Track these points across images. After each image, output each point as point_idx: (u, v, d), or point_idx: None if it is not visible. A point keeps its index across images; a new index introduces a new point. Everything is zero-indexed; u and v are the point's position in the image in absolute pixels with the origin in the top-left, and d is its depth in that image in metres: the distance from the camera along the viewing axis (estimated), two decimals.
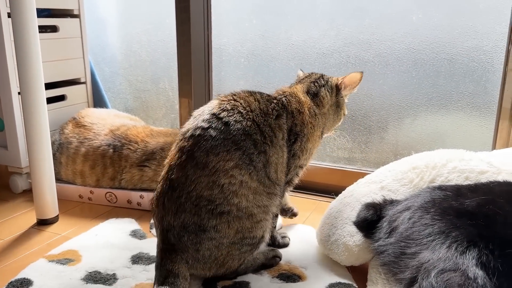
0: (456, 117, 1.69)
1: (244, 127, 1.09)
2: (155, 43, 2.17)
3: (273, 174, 1.15)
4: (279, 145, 1.16)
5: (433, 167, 1.30)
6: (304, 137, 1.23)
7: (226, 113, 1.11)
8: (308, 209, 1.69)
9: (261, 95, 1.21)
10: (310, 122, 1.24)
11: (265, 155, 1.12)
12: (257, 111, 1.14)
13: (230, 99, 1.15)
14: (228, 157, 1.06)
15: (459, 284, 0.85)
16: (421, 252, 0.97)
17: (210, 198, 1.06)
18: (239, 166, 1.07)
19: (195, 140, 1.08)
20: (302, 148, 1.23)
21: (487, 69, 1.60)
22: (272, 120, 1.16)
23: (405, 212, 1.10)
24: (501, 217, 0.96)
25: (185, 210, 1.07)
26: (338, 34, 1.79)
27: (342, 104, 1.36)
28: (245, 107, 1.13)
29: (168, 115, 2.23)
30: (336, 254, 1.25)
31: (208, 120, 1.10)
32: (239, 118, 1.10)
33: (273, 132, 1.15)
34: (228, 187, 1.06)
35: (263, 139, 1.12)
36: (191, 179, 1.06)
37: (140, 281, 1.20)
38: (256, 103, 1.16)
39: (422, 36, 1.67)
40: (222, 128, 1.08)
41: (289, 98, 1.23)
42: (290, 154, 1.21)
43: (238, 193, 1.07)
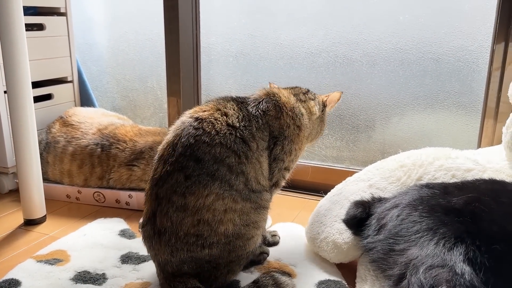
0: (442, 116, 1.71)
1: (213, 156, 1.04)
2: (143, 42, 2.15)
3: (255, 186, 1.12)
4: (255, 157, 1.11)
5: (420, 165, 1.32)
6: (286, 139, 1.19)
7: (191, 149, 1.05)
8: (296, 207, 1.70)
9: (233, 104, 1.15)
10: (293, 124, 1.21)
11: (243, 174, 1.08)
12: (224, 130, 1.07)
13: (192, 126, 1.08)
14: (207, 192, 1.03)
15: (447, 280, 0.86)
16: (410, 249, 0.98)
17: (198, 233, 1.05)
18: (220, 196, 1.04)
19: (168, 185, 1.05)
20: (286, 151, 1.20)
21: (473, 69, 1.63)
22: (244, 132, 1.10)
23: (394, 210, 1.11)
24: (487, 214, 0.98)
25: (178, 249, 1.06)
26: (326, 34, 1.80)
27: (325, 120, 1.38)
28: (210, 131, 1.06)
29: (156, 114, 2.22)
30: (326, 252, 1.26)
31: (176, 161, 1.05)
32: (206, 148, 1.05)
33: (247, 146, 1.10)
34: (213, 218, 1.04)
35: (237, 159, 1.07)
36: (176, 223, 1.04)
37: (130, 281, 1.20)
38: (223, 118, 1.10)
39: (409, 36, 1.69)
40: (191, 165, 1.04)
41: (264, 105, 1.18)
42: (270, 159, 1.18)
43: (224, 221, 1.05)
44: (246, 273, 1.23)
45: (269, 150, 1.17)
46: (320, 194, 1.65)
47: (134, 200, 1.67)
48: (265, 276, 1.05)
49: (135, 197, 1.67)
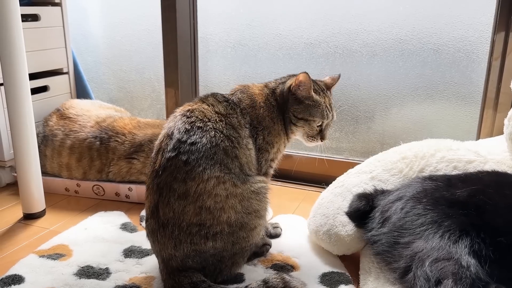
0: (442, 107, 1.72)
1: (209, 140, 1.07)
2: (139, 33, 2.12)
3: (249, 172, 1.15)
4: (244, 143, 1.15)
5: (422, 157, 1.33)
6: (265, 130, 1.22)
7: (187, 134, 1.08)
8: (297, 199, 1.70)
9: (214, 98, 1.20)
10: (268, 116, 1.23)
11: (238, 159, 1.11)
12: (215, 117, 1.12)
13: (185, 116, 1.12)
14: (207, 176, 1.04)
15: (453, 273, 0.87)
16: (415, 242, 0.99)
17: (200, 223, 1.05)
18: (220, 180, 1.05)
19: (168, 172, 1.06)
20: (268, 141, 1.23)
21: (473, 59, 1.63)
22: (231, 119, 1.15)
23: (397, 202, 1.12)
24: (491, 207, 0.99)
25: (181, 241, 1.06)
26: (326, 24, 1.78)
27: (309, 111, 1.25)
28: (202, 118, 1.11)
29: (153, 106, 2.20)
30: (328, 244, 1.26)
31: (174, 147, 1.07)
32: (201, 133, 1.08)
33: (237, 133, 1.14)
34: (214, 206, 1.05)
35: (230, 143, 1.10)
36: (178, 212, 1.05)
37: (134, 275, 1.20)
38: (211, 108, 1.15)
39: (409, 26, 1.68)
40: (189, 149, 1.06)
41: (239, 95, 1.23)
42: (256, 149, 1.20)
43: (225, 208, 1.06)
44: (250, 265, 1.24)
45: (254, 140, 1.20)
46: (320, 186, 1.65)
47: (134, 193, 1.66)
48: (275, 278, 1.04)
49: (135, 190, 1.66)
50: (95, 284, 1.15)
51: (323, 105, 1.25)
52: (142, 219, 1.53)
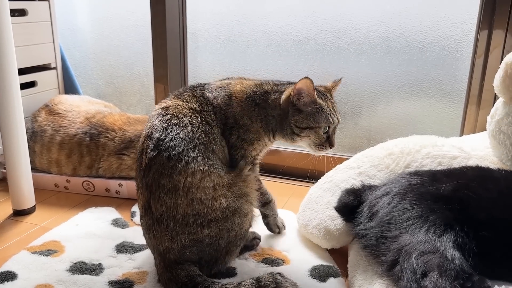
0: (427, 103, 1.76)
1: (187, 135, 1.09)
2: (128, 28, 2.12)
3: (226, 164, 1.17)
4: (218, 140, 1.15)
5: (408, 153, 1.37)
6: (241, 128, 1.18)
7: (165, 132, 1.09)
8: (285, 194, 1.73)
9: (191, 93, 1.19)
10: (246, 114, 1.18)
11: (216, 153, 1.13)
12: (190, 113, 1.13)
13: (161, 114, 1.14)
14: (191, 170, 1.06)
15: (439, 265, 0.91)
16: (401, 236, 1.02)
17: (195, 213, 1.08)
18: (205, 174, 1.07)
19: (154, 170, 1.08)
20: (243, 138, 1.19)
21: (457, 57, 1.68)
22: (206, 116, 1.15)
23: (384, 197, 1.15)
24: (474, 201, 1.03)
25: (178, 233, 1.08)
26: (314, 22, 1.81)
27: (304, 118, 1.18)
28: (177, 115, 1.12)
29: (142, 101, 2.20)
30: (318, 238, 1.30)
31: (155, 146, 1.09)
32: (178, 129, 1.09)
33: (212, 129, 1.14)
34: (205, 197, 1.08)
35: (208, 138, 1.12)
36: (170, 206, 1.07)
37: (127, 270, 1.21)
38: (185, 104, 1.15)
39: (395, 24, 1.71)
40: (169, 145, 1.08)
41: (216, 93, 1.19)
42: (229, 147, 1.19)
43: (216, 197, 1.09)
44: (241, 259, 1.27)
45: (226, 139, 1.18)
46: (308, 181, 1.68)
47: (124, 189, 1.67)
48: (268, 277, 1.05)
49: (125, 186, 1.67)
50: (89, 279, 1.16)
51: (327, 109, 1.18)
52: (133, 214, 1.54)
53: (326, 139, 1.20)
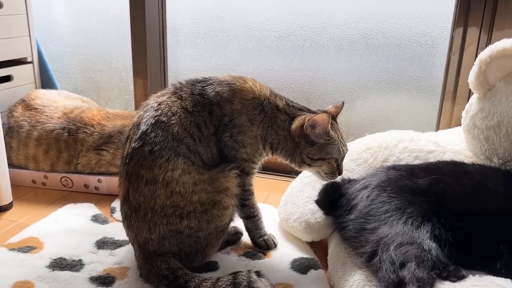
0: (404, 99, 1.80)
1: (172, 134, 1.10)
2: (106, 22, 2.09)
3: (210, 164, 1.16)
4: (206, 142, 1.15)
5: (386, 147, 1.40)
6: (236, 128, 1.16)
7: (151, 127, 1.10)
8: (267, 188, 1.75)
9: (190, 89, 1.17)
10: (245, 114, 1.17)
11: (199, 155, 1.14)
12: (180, 113, 1.12)
13: (153, 108, 1.13)
14: (171, 166, 1.07)
15: (416, 256, 0.94)
16: (380, 228, 1.05)
17: (174, 205, 1.08)
18: (185, 171, 1.08)
19: (135, 160, 1.10)
20: (236, 140, 1.17)
21: (433, 54, 1.72)
22: (197, 118, 1.13)
23: (363, 191, 1.18)
24: (450, 194, 1.07)
25: (156, 223, 1.09)
26: (294, 18, 1.82)
27: (312, 150, 1.18)
28: (167, 113, 1.11)
29: (121, 96, 2.18)
30: (298, 231, 1.32)
31: (140, 138, 1.10)
32: (164, 127, 1.10)
33: (200, 131, 1.14)
34: (185, 190, 1.08)
35: (192, 141, 1.12)
36: (148, 197, 1.08)
37: (108, 266, 1.21)
38: (179, 102, 1.14)
39: (373, 21, 1.74)
40: (153, 141, 1.08)
41: (219, 88, 1.17)
42: (221, 145, 1.17)
43: (196, 191, 1.10)
44: (223, 254, 1.27)
45: (218, 137, 1.17)
46: (289, 175, 1.70)
47: (104, 185, 1.66)
48: (243, 275, 1.04)
49: (104, 182, 1.65)
50: (69, 275, 1.15)
51: (338, 140, 1.18)
52: (113, 210, 1.53)
53: (336, 167, 1.20)
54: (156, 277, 1.09)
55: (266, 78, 1.89)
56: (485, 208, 1.03)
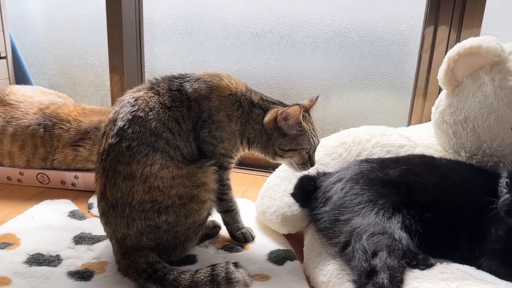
0: (377, 95, 1.85)
1: (149, 129, 1.10)
2: (82, 17, 2.07)
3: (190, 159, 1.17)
4: (185, 137, 1.16)
5: (359, 142, 1.44)
6: (214, 124, 1.19)
7: (129, 123, 1.10)
8: (245, 183, 1.77)
9: (167, 84, 1.18)
10: (223, 110, 1.19)
11: (179, 149, 1.14)
12: (158, 108, 1.13)
13: (129, 103, 1.13)
14: (150, 161, 1.08)
15: (387, 245, 0.98)
16: (353, 219, 1.09)
17: (152, 199, 1.09)
18: (164, 166, 1.09)
19: (112, 156, 1.10)
20: (214, 135, 1.19)
21: (405, 52, 1.77)
22: (175, 113, 1.15)
23: (338, 183, 1.21)
24: (420, 185, 1.11)
25: (134, 219, 1.10)
26: (271, 15, 1.85)
27: (283, 140, 1.21)
28: (144, 108, 1.12)
29: (97, 92, 2.17)
30: (275, 224, 1.35)
31: (116, 134, 1.10)
32: (142, 122, 1.10)
33: (179, 126, 1.15)
34: (163, 185, 1.10)
35: (172, 136, 1.13)
36: (126, 192, 1.09)
37: (86, 261, 1.21)
38: (156, 97, 1.15)
39: (348, 19, 1.79)
40: (131, 137, 1.09)
41: (197, 85, 1.19)
42: (199, 141, 1.19)
43: (174, 185, 1.11)
44: (202, 247, 1.29)
45: (196, 133, 1.19)
46: (266, 170, 1.73)
47: (81, 181, 1.65)
48: (221, 266, 1.06)
49: (81, 178, 1.65)
50: (47, 271, 1.15)
51: (309, 132, 1.22)
52: (91, 206, 1.53)
53: (307, 158, 1.24)
54: (134, 271, 1.10)
55: (243, 75, 1.92)
56: (449, 199, 1.07)
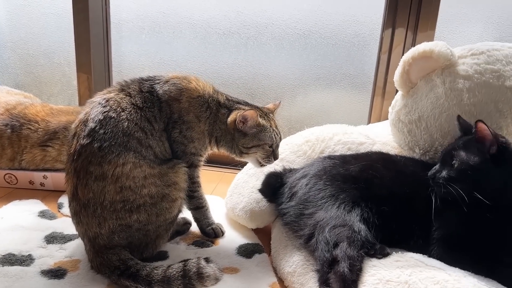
0: (339, 95, 1.94)
1: (122, 129, 1.12)
2: (48, 16, 2.06)
3: (163, 158, 1.21)
4: (158, 136, 1.19)
5: (322, 140, 1.51)
6: (184, 124, 1.23)
7: (100, 124, 1.12)
8: (214, 180, 1.82)
9: (138, 86, 1.21)
10: (192, 112, 1.24)
11: (151, 148, 1.17)
12: (130, 108, 1.15)
13: (101, 104, 1.15)
14: (122, 161, 1.10)
15: (348, 237, 1.05)
16: (317, 212, 1.16)
17: (123, 199, 1.12)
18: (136, 165, 1.12)
19: (83, 157, 1.11)
20: (185, 135, 1.23)
21: (365, 54, 1.86)
22: (147, 113, 1.18)
23: (303, 179, 1.28)
24: (377, 180, 1.19)
25: (106, 218, 1.12)
26: (238, 16, 1.90)
27: (247, 139, 1.28)
28: (116, 108, 1.14)
29: (64, 91, 2.16)
30: (244, 219, 1.41)
31: (88, 135, 1.12)
32: (114, 123, 1.12)
33: (151, 125, 1.18)
34: (135, 185, 1.12)
35: (144, 135, 1.15)
36: (98, 193, 1.10)
37: (58, 259, 1.23)
38: (127, 98, 1.17)
39: (311, 22, 1.86)
40: (102, 137, 1.11)
41: (167, 87, 1.23)
42: (171, 141, 1.23)
43: (146, 184, 1.14)
44: (173, 244, 1.34)
45: (168, 133, 1.23)
46: (236, 168, 1.78)
47: (50, 181, 1.66)
48: (193, 262, 1.11)
49: (50, 178, 1.65)
50: (20, 270, 1.16)
51: (270, 128, 1.28)
52: (61, 206, 1.54)
53: (271, 152, 1.31)
54: (107, 269, 1.13)
55: (211, 74, 1.96)
56: (403, 193, 1.16)
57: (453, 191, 1.05)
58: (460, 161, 1.07)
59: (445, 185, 1.07)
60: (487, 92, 1.26)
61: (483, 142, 1.06)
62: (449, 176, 1.08)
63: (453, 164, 1.09)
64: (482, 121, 1.05)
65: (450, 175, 1.08)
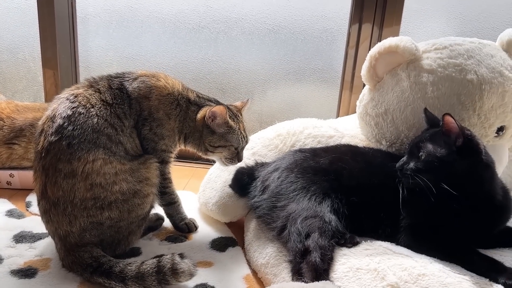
0: (309, 89, 1.97)
1: (91, 126, 1.11)
2: (11, 10, 2.00)
3: (134, 154, 1.21)
4: (128, 132, 1.19)
5: (293, 133, 1.54)
6: (154, 121, 1.23)
7: (68, 120, 1.10)
8: (186, 176, 1.82)
9: (107, 83, 1.20)
10: (162, 109, 1.24)
11: (122, 144, 1.16)
12: (99, 104, 1.15)
13: (69, 100, 1.14)
14: (92, 157, 1.09)
15: (319, 227, 1.08)
16: (289, 205, 1.18)
17: (94, 196, 1.11)
18: (106, 161, 1.11)
19: (52, 154, 1.09)
20: (155, 132, 1.24)
21: (333, 49, 1.90)
22: (117, 109, 1.17)
23: (275, 173, 1.31)
24: (346, 171, 1.23)
25: (76, 216, 1.10)
26: (207, 11, 1.90)
27: (216, 137, 1.29)
28: (85, 104, 1.13)
29: (30, 88, 2.10)
30: (217, 214, 1.42)
31: (56, 131, 1.10)
32: (83, 119, 1.11)
33: (121, 122, 1.17)
34: (105, 182, 1.11)
35: (114, 131, 1.15)
36: (67, 191, 1.09)
37: (28, 259, 1.20)
38: (97, 94, 1.16)
39: (281, 17, 1.88)
40: (71, 134, 1.09)
41: (137, 84, 1.22)
42: (141, 138, 1.23)
43: (117, 181, 1.13)
44: (145, 240, 1.33)
45: (138, 130, 1.23)
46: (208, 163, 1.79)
47: (16, 179, 1.62)
48: (167, 258, 1.10)
49: (17, 176, 1.61)
50: None
51: (238, 131, 1.30)
52: (29, 204, 1.51)
53: (236, 154, 1.33)
54: (80, 267, 1.11)
55: (181, 69, 1.95)
56: (371, 183, 1.20)
57: (420, 182, 1.08)
58: (427, 153, 1.11)
59: (412, 176, 1.10)
60: (450, 85, 1.30)
61: (449, 135, 1.09)
62: (416, 167, 1.11)
63: (420, 156, 1.12)
64: (450, 114, 1.08)
65: (418, 166, 1.11)
